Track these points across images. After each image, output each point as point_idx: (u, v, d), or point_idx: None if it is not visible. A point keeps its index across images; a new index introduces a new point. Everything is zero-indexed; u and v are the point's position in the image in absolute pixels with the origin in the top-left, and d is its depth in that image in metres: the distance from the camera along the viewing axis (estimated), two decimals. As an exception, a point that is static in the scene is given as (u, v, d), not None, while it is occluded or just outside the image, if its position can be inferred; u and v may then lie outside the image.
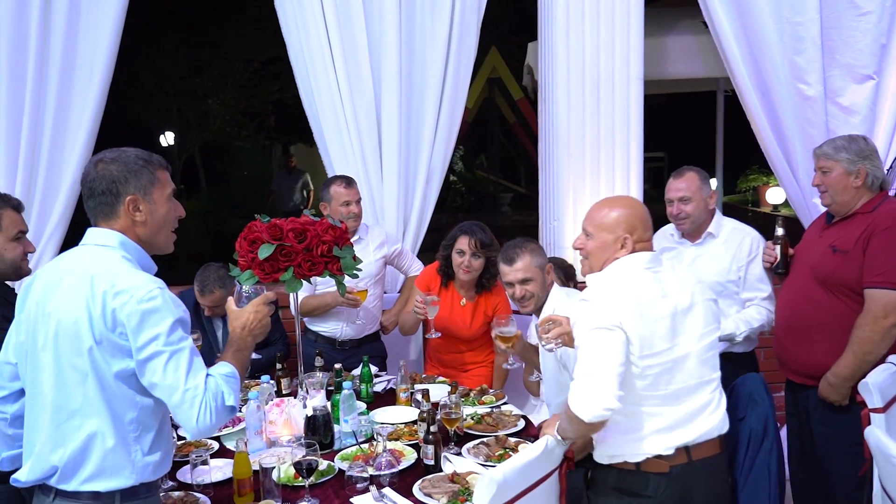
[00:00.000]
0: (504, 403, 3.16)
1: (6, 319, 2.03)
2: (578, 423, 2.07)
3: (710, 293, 2.39)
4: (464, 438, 2.76)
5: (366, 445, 2.64)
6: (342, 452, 2.63)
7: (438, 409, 2.69)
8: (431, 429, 2.49)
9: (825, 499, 2.96)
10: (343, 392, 2.80)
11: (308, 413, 2.71)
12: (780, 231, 3.15)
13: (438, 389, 3.19)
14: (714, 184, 3.61)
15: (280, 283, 2.70)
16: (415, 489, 2.32)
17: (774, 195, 10.14)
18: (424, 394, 2.91)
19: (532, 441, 2.53)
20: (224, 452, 2.73)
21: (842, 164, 2.85)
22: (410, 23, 4.10)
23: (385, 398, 3.27)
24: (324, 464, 2.49)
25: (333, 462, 2.54)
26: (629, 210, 2.31)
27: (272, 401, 2.86)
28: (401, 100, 4.10)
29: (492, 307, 3.56)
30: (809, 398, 2.95)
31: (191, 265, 3.70)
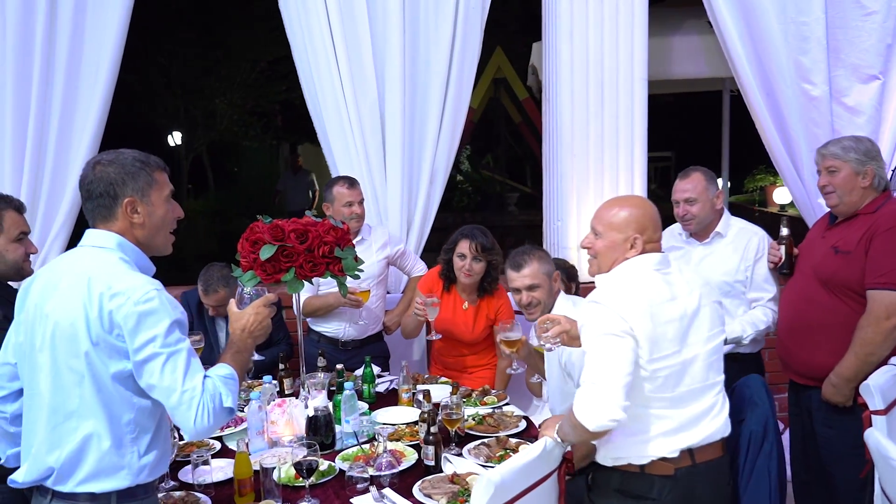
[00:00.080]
0: (506, 404, 3.15)
1: (7, 319, 2.04)
2: (582, 431, 2.07)
3: (716, 295, 2.37)
4: (465, 439, 2.76)
5: (367, 446, 2.65)
6: (343, 453, 2.63)
7: (440, 410, 2.70)
8: (432, 429, 2.49)
9: (828, 500, 2.96)
10: (344, 392, 2.80)
11: (309, 413, 2.72)
12: (785, 231, 3.14)
13: (440, 390, 3.19)
14: (720, 183, 3.59)
15: (282, 284, 2.70)
16: (415, 490, 2.33)
17: (781, 195, 10.06)
18: (426, 394, 2.91)
19: (533, 442, 2.53)
20: (226, 452, 2.73)
21: (851, 165, 2.84)
22: (414, 23, 4.10)
23: (387, 398, 3.27)
24: (324, 464, 2.50)
25: (334, 462, 2.55)
26: (640, 210, 2.28)
27: (274, 401, 2.86)
28: (404, 100, 4.10)
29: (494, 310, 3.56)
30: (812, 399, 2.95)
31: (198, 264, 3.71)
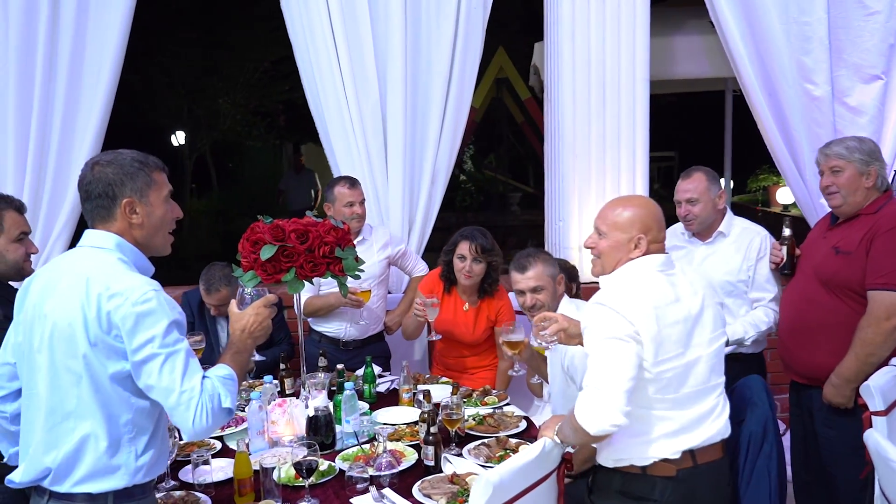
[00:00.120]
0: (506, 404, 3.15)
1: (7, 319, 2.04)
2: (583, 434, 2.07)
3: (718, 296, 2.37)
4: (465, 439, 2.76)
5: (367, 446, 2.65)
6: (343, 453, 2.63)
7: (440, 410, 2.70)
8: (432, 430, 2.49)
9: (828, 501, 2.95)
10: (345, 392, 2.80)
11: (310, 413, 2.72)
12: (787, 231, 3.14)
13: (441, 390, 3.19)
14: (723, 183, 3.59)
15: (282, 284, 2.70)
16: (414, 490, 2.33)
17: (784, 195, 10.06)
18: (426, 394, 2.91)
19: (534, 443, 2.53)
20: (226, 452, 2.73)
21: (855, 165, 2.83)
22: (416, 23, 4.10)
23: (388, 398, 3.27)
24: (324, 464, 2.50)
25: (335, 462, 2.55)
26: (644, 210, 2.27)
27: (275, 401, 2.87)
28: (406, 100, 4.10)
29: (494, 312, 3.55)
30: (813, 400, 2.95)
31: (201, 264, 3.71)
